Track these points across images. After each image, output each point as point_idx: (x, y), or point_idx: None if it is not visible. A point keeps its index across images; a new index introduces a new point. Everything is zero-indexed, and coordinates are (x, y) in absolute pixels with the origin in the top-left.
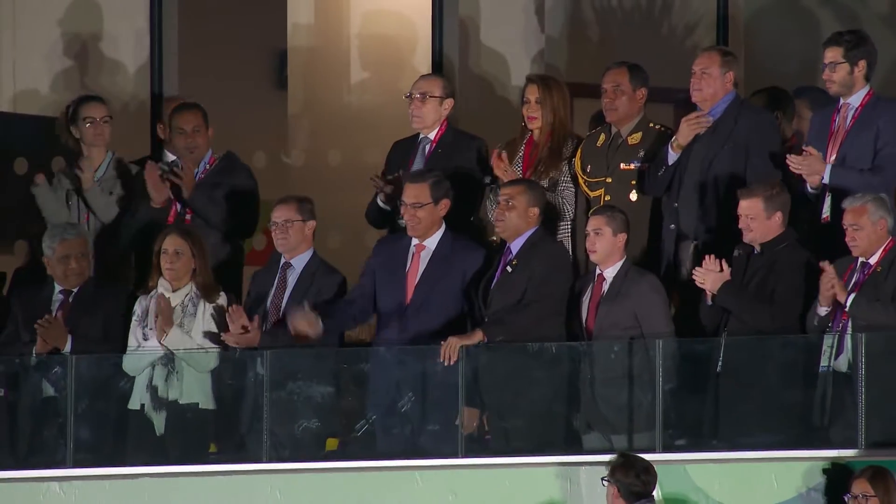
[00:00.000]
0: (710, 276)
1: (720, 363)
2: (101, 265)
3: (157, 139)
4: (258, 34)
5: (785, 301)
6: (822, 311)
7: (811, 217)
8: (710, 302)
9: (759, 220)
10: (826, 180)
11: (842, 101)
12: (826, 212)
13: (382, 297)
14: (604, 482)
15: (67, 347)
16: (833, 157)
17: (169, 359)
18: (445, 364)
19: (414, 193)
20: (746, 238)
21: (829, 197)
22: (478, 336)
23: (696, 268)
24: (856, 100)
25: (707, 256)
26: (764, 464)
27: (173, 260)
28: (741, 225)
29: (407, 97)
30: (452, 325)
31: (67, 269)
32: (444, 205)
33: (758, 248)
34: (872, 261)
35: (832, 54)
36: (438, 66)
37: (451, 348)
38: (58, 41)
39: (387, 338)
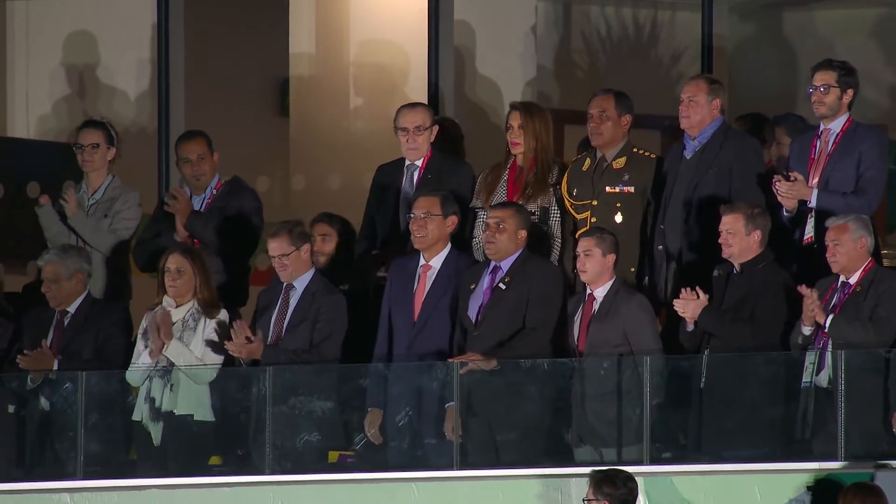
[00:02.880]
0: (689, 304)
1: (703, 380)
2: (110, 284)
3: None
4: (261, 64)
5: (765, 320)
6: (807, 330)
7: (793, 239)
8: (690, 328)
9: (738, 236)
10: (812, 204)
11: (822, 126)
12: (809, 232)
13: (395, 315)
14: (586, 503)
15: (54, 368)
16: (816, 181)
17: (166, 371)
18: (460, 372)
19: (425, 205)
20: (725, 253)
21: (813, 218)
22: (493, 363)
23: (676, 299)
24: (837, 125)
25: (683, 289)
26: (748, 476)
27: (175, 277)
28: (721, 240)
29: (402, 131)
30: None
31: (48, 292)
32: (452, 221)
33: (737, 268)
34: (852, 280)
35: (826, 77)
36: (434, 94)
37: (469, 364)
38: (66, 70)
39: (398, 353)
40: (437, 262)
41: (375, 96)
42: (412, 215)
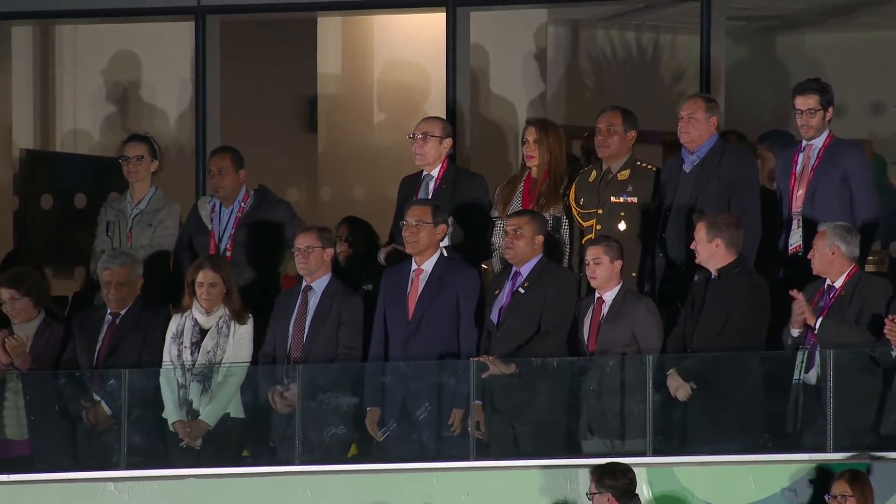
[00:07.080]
0: (682, 389)
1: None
2: (150, 288)
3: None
4: (291, 83)
5: (742, 321)
6: (795, 332)
7: (777, 247)
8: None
9: (702, 244)
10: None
11: (804, 142)
12: (797, 241)
13: (389, 318)
14: (590, 496)
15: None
16: (801, 192)
17: (205, 377)
18: (482, 376)
19: (417, 213)
20: (696, 259)
21: (801, 228)
22: (512, 368)
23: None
24: (819, 141)
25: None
26: (743, 466)
27: (209, 291)
28: (692, 246)
29: (410, 137)
30: (450, 340)
31: (108, 295)
32: (442, 229)
33: (714, 274)
34: (837, 285)
35: (810, 101)
36: (451, 110)
37: (493, 369)
38: (110, 89)
39: (393, 354)
40: (428, 265)
41: (398, 112)
42: (405, 223)
